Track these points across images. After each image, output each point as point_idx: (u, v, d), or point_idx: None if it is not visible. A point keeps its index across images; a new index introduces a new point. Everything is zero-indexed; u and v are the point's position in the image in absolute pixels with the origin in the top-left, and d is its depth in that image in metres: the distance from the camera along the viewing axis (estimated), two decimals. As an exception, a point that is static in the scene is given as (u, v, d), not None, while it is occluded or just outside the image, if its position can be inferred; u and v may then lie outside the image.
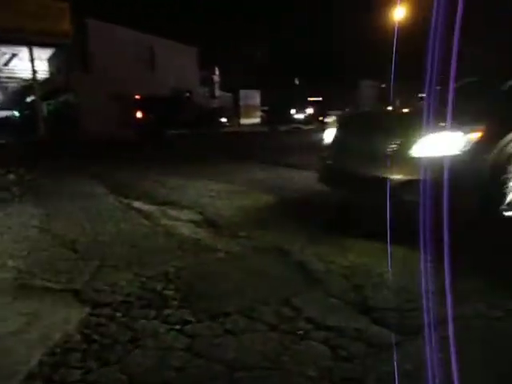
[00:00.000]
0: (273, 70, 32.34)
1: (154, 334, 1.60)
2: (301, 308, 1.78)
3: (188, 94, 21.92)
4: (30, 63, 15.10)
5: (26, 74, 18.67)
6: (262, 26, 32.14)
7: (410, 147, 2.75)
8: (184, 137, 15.59)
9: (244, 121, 26.14)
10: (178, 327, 1.64)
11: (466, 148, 2.60)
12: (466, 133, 2.63)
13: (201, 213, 3.43)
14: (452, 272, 1.74)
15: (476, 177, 2.62)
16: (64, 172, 6.37)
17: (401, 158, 2.79)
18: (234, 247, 2.58)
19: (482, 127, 2.67)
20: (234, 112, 25.83)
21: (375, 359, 1.41)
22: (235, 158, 7.66)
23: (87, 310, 1.81)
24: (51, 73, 23.31)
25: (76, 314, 1.77)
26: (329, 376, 1.33)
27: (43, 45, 16.76)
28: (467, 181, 2.59)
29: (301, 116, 25.26)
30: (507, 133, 2.66)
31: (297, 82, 39.06)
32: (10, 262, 2.40)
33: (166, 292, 1.96)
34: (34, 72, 15.23)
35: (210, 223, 3.16)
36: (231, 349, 1.49)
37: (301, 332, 1.58)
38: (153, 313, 1.76)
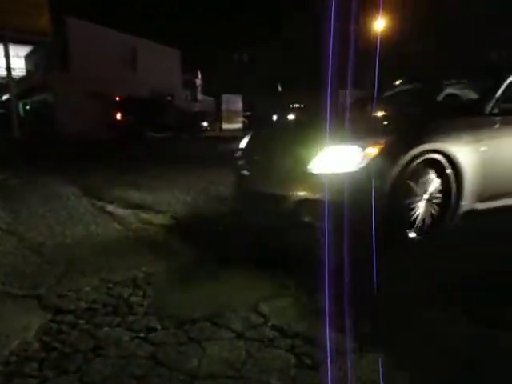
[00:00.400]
0: (256, 76, 32.53)
1: (117, 341, 1.56)
2: (268, 315, 1.77)
3: (170, 97, 21.77)
4: (5, 60, 14.65)
5: (1, 71, 18.16)
6: (246, 30, 32.31)
7: (308, 162, 2.46)
8: (164, 140, 15.45)
9: (226, 126, 26.13)
10: (142, 335, 1.61)
11: (363, 164, 2.33)
12: (365, 147, 2.36)
13: (174, 218, 3.39)
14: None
15: (374, 197, 2.27)
16: (37, 173, 6.19)
17: (300, 174, 2.50)
18: (206, 254, 2.56)
19: (383, 141, 2.38)
20: (216, 116, 25.80)
21: (339, 366, 1.41)
22: (213, 163, 7.63)
23: (49, 316, 1.75)
24: (28, 71, 22.71)
25: (37, 321, 1.71)
26: (292, 384, 1.32)
27: (20, 42, 16.34)
28: (364, 201, 2.28)
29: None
30: (411, 147, 2.40)
31: (279, 88, 39.38)
32: (-29, 266, 2.30)
33: (133, 298, 1.92)
34: (10, 70, 14.78)
35: (183, 229, 3.12)
36: (196, 357, 1.46)
37: (266, 340, 1.57)
38: (117, 320, 1.72)
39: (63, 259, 2.43)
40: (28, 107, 22.47)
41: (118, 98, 15.94)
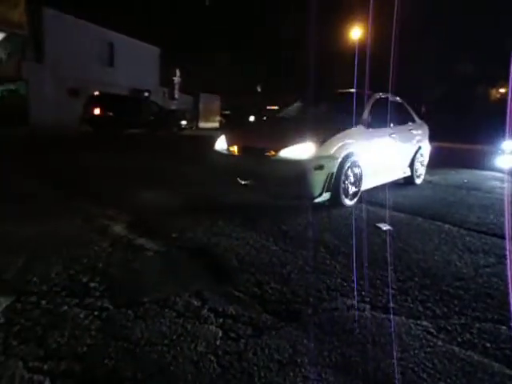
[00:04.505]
0: (235, 76, 32.78)
1: (73, 318, 1.83)
2: (208, 299, 2.08)
3: (147, 94, 21.73)
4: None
5: (-28, 58, 17.64)
6: (227, 30, 32.46)
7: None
8: (140, 137, 15.49)
9: (203, 124, 26.30)
10: (96, 313, 1.89)
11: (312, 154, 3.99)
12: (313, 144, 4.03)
13: (136, 214, 3.65)
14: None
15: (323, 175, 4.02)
16: None
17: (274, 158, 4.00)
18: (162, 247, 2.84)
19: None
20: (194, 115, 25.91)
21: (257, 339, 1.74)
22: (185, 162, 7.89)
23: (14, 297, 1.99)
24: (0, 58, 22.16)
25: (4, 301, 1.96)
26: (215, 351, 1.64)
27: (-6, 30, 15.97)
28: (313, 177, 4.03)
29: (259, 123, 25.80)
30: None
31: (259, 89, 39.72)
32: None
33: (91, 284, 2.19)
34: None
35: (142, 224, 3.39)
36: (139, 330, 1.76)
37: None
38: (75, 301, 1.99)
39: (28, 250, 2.65)
40: (-1, 96, 21.88)
41: (96, 93, 15.85)
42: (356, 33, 20.52)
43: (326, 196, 4.03)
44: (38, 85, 17.79)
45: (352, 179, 4.32)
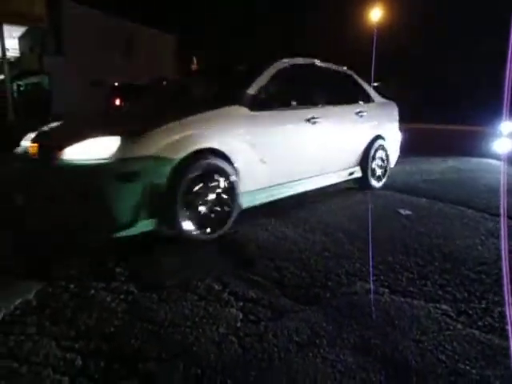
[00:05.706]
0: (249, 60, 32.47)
1: (101, 301, 1.92)
2: (229, 283, 2.13)
3: (165, 83, 21.82)
4: None
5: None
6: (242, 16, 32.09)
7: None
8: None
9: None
10: (122, 296, 1.97)
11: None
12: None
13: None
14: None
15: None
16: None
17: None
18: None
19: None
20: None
21: (276, 321, 1.78)
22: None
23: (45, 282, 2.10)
24: (22, 52, 22.66)
25: (36, 286, 2.07)
26: (236, 332, 1.69)
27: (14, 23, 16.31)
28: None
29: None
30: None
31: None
32: None
33: (117, 269, 2.28)
34: (4, 51, 14.81)
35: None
36: (163, 312, 1.83)
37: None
38: (102, 285, 2.08)
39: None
40: (22, 89, 22.47)
41: (116, 84, 16.01)
42: (375, 14, 19.98)
43: (145, 225, 2.45)
44: (60, 77, 18.14)
45: (210, 196, 2.69)
